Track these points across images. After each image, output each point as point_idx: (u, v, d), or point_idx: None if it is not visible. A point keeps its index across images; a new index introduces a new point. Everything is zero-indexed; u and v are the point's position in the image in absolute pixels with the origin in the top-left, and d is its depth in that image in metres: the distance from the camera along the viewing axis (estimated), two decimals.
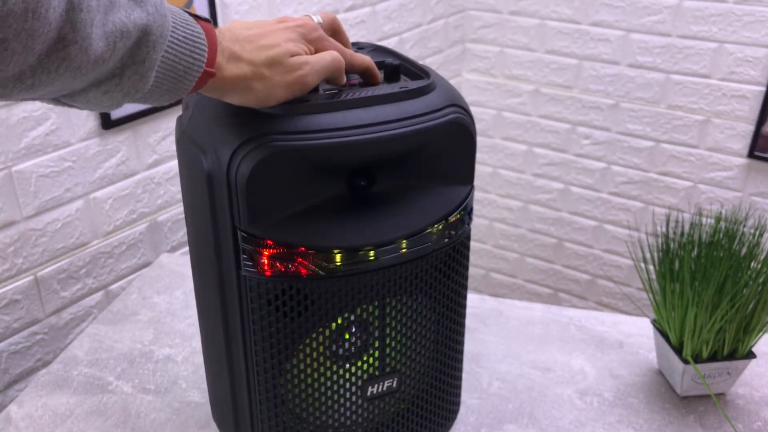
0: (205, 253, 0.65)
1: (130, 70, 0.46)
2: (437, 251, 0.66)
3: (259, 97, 0.56)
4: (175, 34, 0.48)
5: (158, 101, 0.51)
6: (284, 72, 0.56)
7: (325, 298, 0.62)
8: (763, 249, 0.81)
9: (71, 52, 0.41)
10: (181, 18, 0.50)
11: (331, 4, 1.53)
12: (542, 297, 2.25)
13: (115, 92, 0.46)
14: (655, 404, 0.86)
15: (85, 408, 0.86)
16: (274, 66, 0.55)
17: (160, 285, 1.10)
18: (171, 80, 0.50)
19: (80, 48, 0.41)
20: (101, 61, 0.43)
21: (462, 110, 0.64)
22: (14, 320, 1.09)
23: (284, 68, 0.56)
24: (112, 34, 0.43)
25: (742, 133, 1.76)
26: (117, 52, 0.44)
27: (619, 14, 1.82)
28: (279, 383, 0.65)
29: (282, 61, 0.56)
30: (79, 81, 0.44)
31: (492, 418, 0.84)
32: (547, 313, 1.04)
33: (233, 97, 0.56)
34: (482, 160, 2.19)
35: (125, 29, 0.44)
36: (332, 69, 0.60)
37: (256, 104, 0.57)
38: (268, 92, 0.56)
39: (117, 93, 0.47)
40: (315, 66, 0.58)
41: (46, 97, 0.46)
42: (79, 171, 1.12)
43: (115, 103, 0.48)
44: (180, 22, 0.49)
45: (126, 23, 0.44)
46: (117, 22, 0.43)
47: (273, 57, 0.55)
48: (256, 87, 0.55)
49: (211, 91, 0.55)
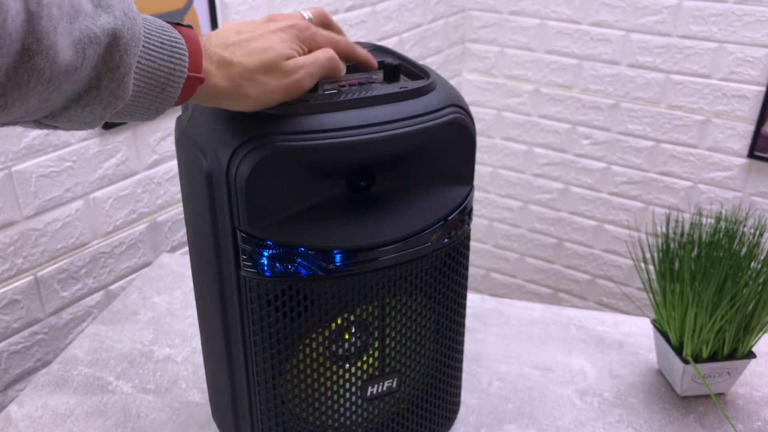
0: (204, 253, 0.65)
1: (106, 79, 0.44)
2: (437, 251, 0.66)
3: (255, 103, 0.55)
4: (150, 39, 0.47)
5: (146, 114, 0.50)
6: (280, 77, 0.55)
7: (325, 298, 0.62)
8: (763, 249, 0.81)
9: (38, 63, 0.40)
10: (155, 24, 0.49)
11: (331, 3, 1.53)
12: (542, 297, 2.25)
13: (95, 105, 0.45)
14: (655, 404, 0.86)
15: (85, 408, 0.86)
16: (269, 71, 0.55)
17: (160, 285, 1.10)
18: (154, 89, 0.48)
19: (47, 57, 0.40)
20: (72, 70, 0.42)
21: (462, 110, 0.64)
22: (14, 320, 1.09)
23: (279, 73, 0.55)
24: (80, 42, 0.42)
25: (742, 133, 1.76)
26: (88, 59, 0.43)
27: (619, 14, 1.82)
28: (279, 383, 0.65)
29: (276, 65, 0.55)
30: (56, 96, 0.43)
31: (492, 418, 0.84)
32: (547, 313, 1.04)
33: (228, 104, 0.55)
34: (482, 160, 2.19)
35: (93, 35, 0.42)
36: (328, 68, 0.59)
37: (252, 109, 0.56)
38: (264, 98, 0.55)
39: (97, 105, 0.45)
40: (310, 68, 0.57)
41: (27, 120, 0.45)
42: (79, 171, 1.12)
43: (97, 117, 0.46)
44: (155, 29, 0.48)
45: (93, 29, 0.42)
46: (84, 29, 0.42)
47: (267, 62, 0.54)
48: (251, 93, 0.54)
49: (205, 100, 0.54)
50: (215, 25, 1.26)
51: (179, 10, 1.19)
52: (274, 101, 0.56)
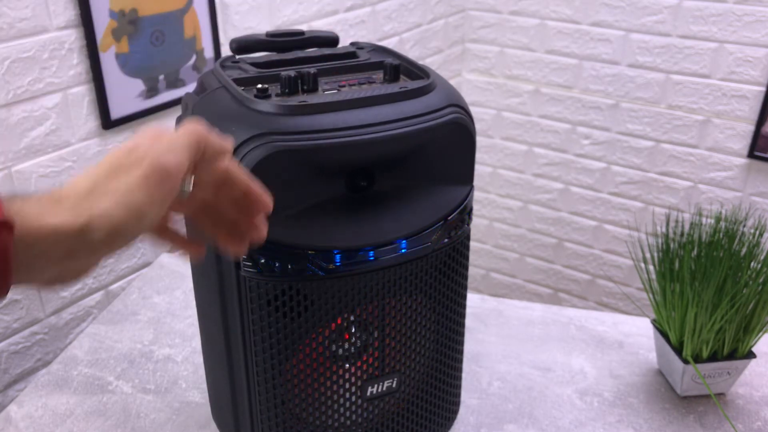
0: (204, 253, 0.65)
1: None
2: (437, 251, 0.66)
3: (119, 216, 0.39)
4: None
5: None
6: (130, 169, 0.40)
7: (325, 298, 0.62)
8: (763, 249, 0.81)
9: None
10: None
11: (331, 3, 1.53)
12: (542, 297, 2.25)
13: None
14: (655, 404, 0.86)
15: (85, 408, 0.86)
16: (114, 171, 0.40)
17: (160, 285, 1.10)
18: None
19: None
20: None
21: (462, 110, 0.64)
22: (14, 320, 1.09)
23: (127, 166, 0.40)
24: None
25: (742, 133, 1.76)
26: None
27: (619, 14, 1.82)
28: (279, 383, 0.65)
29: (118, 162, 0.40)
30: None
31: (492, 418, 0.84)
32: (547, 313, 1.04)
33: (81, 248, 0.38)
34: (482, 160, 2.19)
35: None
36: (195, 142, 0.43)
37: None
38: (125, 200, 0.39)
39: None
40: (159, 147, 0.41)
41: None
42: (79, 171, 1.12)
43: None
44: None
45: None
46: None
47: (105, 167, 0.40)
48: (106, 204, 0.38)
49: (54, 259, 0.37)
50: (215, 25, 1.26)
51: (179, 10, 1.19)
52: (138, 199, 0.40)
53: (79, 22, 1.06)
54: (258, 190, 0.48)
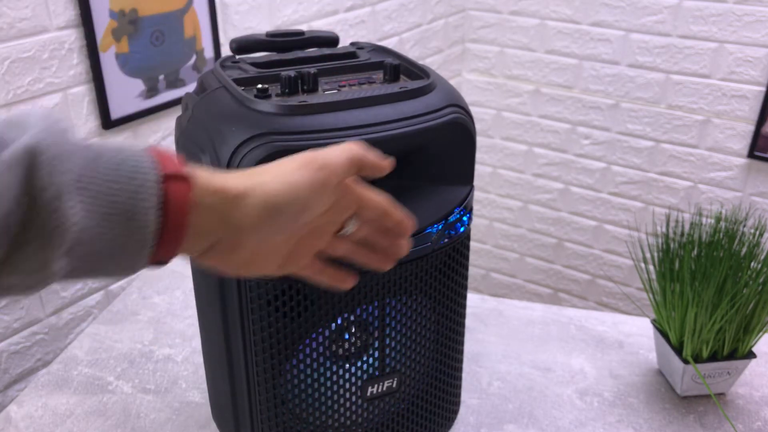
0: None
1: (35, 208, 0.35)
2: (437, 251, 0.66)
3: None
4: (101, 160, 0.38)
5: (122, 260, 0.39)
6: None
7: (325, 298, 0.62)
8: (763, 249, 0.81)
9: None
10: (111, 145, 0.39)
11: (331, 3, 1.53)
12: (542, 297, 2.25)
13: (33, 244, 0.35)
14: (655, 404, 0.86)
15: (85, 408, 0.86)
16: (275, 163, 0.47)
17: (160, 285, 1.10)
18: (115, 218, 0.37)
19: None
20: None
21: (462, 110, 0.64)
22: (14, 320, 1.09)
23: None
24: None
25: (742, 133, 1.76)
26: (6, 187, 0.34)
27: (619, 14, 1.82)
28: (279, 383, 0.65)
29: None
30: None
31: (492, 418, 0.84)
32: (547, 313, 1.04)
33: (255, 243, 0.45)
34: (482, 160, 2.19)
35: (5, 159, 0.34)
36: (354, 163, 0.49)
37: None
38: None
39: (35, 245, 0.35)
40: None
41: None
42: None
43: (45, 262, 0.36)
44: (109, 149, 0.39)
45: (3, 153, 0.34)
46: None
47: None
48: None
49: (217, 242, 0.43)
50: (215, 25, 1.26)
51: (179, 10, 1.19)
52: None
53: (79, 22, 1.06)
54: (401, 216, 0.51)
